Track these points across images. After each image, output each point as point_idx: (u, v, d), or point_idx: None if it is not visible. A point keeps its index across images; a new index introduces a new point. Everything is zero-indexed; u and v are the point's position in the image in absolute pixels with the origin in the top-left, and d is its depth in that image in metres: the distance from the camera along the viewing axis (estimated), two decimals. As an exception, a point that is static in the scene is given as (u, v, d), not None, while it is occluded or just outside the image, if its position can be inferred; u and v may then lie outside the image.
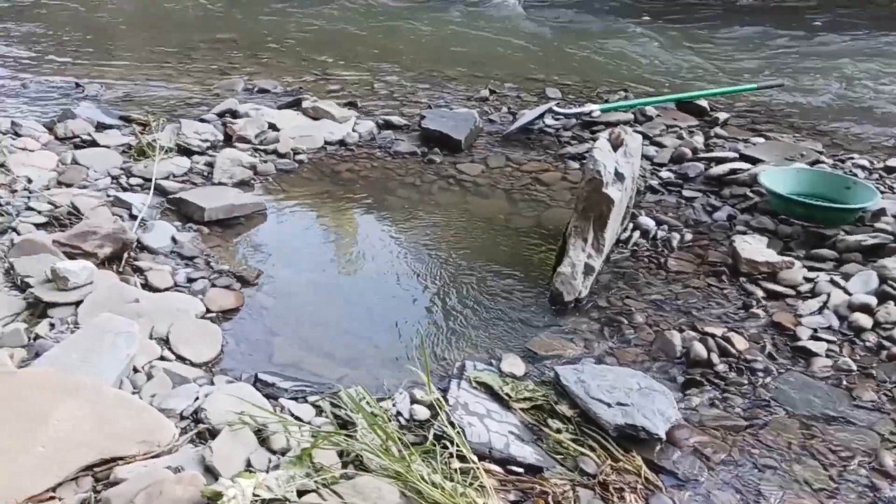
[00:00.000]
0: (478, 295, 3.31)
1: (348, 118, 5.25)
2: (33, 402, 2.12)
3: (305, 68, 6.86)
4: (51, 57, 7.15)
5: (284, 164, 4.59)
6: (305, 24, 8.79)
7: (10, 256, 3.25)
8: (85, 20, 8.93)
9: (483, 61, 7.29)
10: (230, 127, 4.85)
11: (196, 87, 6.18)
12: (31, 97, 5.92)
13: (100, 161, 4.43)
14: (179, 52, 7.35)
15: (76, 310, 2.84)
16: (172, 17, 9.26)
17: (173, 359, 2.66)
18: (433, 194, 4.35)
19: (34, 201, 3.86)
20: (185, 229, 3.72)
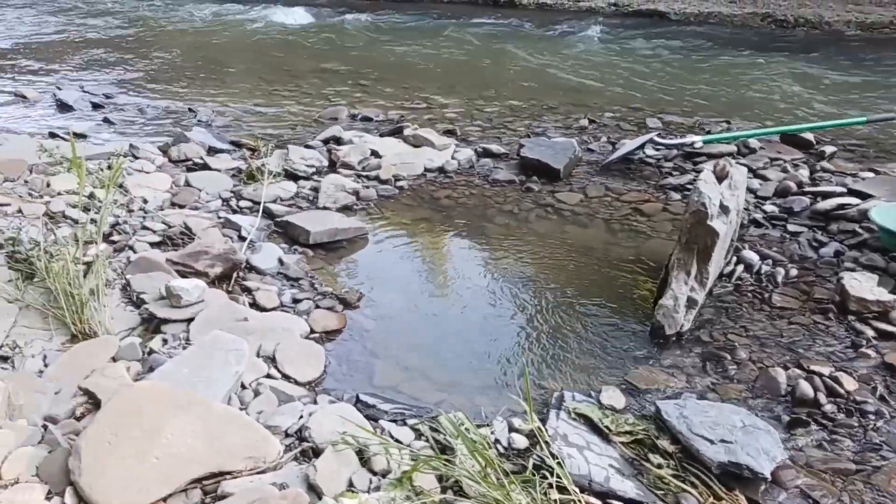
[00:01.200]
0: (576, 325, 3.25)
1: (448, 146, 5.32)
2: (148, 415, 2.21)
3: (407, 97, 7.02)
4: (166, 83, 7.62)
5: (385, 190, 4.68)
6: (407, 55, 9.02)
7: (126, 273, 3.44)
8: (198, 50, 9.48)
9: (582, 90, 7.26)
10: (334, 153, 5.00)
11: (302, 114, 6.42)
12: (147, 121, 6.32)
13: (211, 184, 4.64)
14: (287, 80, 7.68)
15: (188, 326, 2.96)
16: (280, 48, 9.70)
17: (279, 377, 2.73)
18: (531, 222, 4.33)
19: (149, 221, 4.08)
20: (291, 251, 3.84)
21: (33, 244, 3.51)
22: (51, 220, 3.92)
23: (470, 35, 10.23)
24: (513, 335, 3.21)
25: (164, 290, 3.07)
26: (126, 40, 9.86)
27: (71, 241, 3.73)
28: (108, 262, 3.36)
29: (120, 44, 9.64)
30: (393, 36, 10.05)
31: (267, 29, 11.06)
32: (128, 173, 4.65)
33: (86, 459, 2.05)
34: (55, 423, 2.34)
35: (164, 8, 12.91)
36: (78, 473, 2.03)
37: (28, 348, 2.78)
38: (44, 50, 9.30)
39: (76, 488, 2.02)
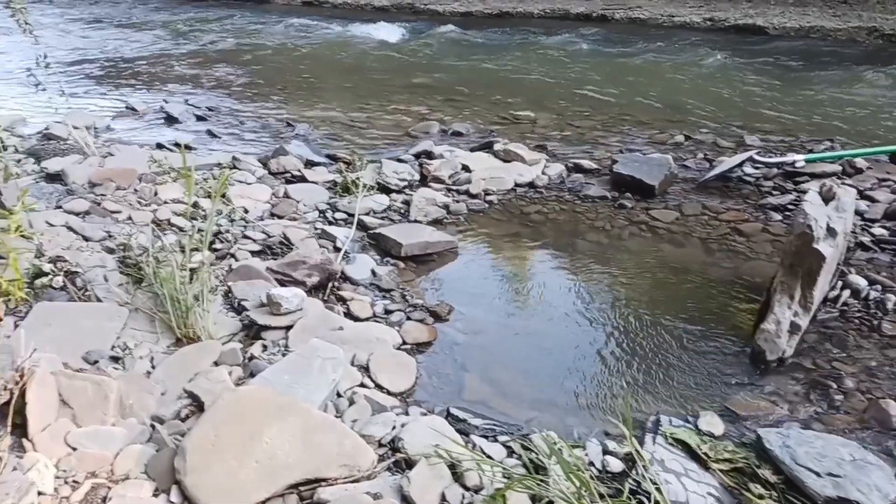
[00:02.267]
0: (671, 346, 3.17)
1: (538, 161, 5.30)
2: (250, 419, 2.28)
3: (497, 112, 7.04)
4: (265, 98, 7.91)
5: (475, 205, 4.70)
6: (497, 70, 9.06)
7: (228, 280, 3.57)
8: (295, 66, 9.81)
9: (676, 106, 7.09)
10: (426, 167, 5.07)
11: (395, 128, 6.54)
12: (248, 134, 6.57)
13: (308, 195, 4.78)
14: (380, 95, 7.84)
15: (287, 333, 3.05)
16: (373, 64, 9.92)
17: (372, 386, 2.77)
18: (624, 240, 4.25)
19: (250, 230, 4.23)
20: (384, 263, 3.90)
21: (142, 250, 3.71)
22: (158, 227, 4.12)
23: (560, 50, 10.19)
24: (604, 355, 3.15)
25: (265, 298, 3.17)
26: (228, 56, 10.31)
27: (176, 247, 3.92)
28: (211, 269, 3.50)
29: (222, 59, 10.09)
30: (483, 51, 10.11)
31: (360, 45, 11.35)
32: (230, 184, 4.84)
33: (190, 460, 2.13)
34: (162, 423, 2.45)
35: (263, 25, 13.42)
36: (183, 473, 2.11)
37: (137, 350, 2.92)
38: (152, 65, 9.83)
39: (181, 487, 2.10)
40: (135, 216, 4.33)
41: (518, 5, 13.18)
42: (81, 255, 3.69)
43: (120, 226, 4.19)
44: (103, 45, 11.41)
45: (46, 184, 4.92)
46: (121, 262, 3.66)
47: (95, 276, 3.49)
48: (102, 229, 4.09)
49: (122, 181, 4.83)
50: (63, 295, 3.30)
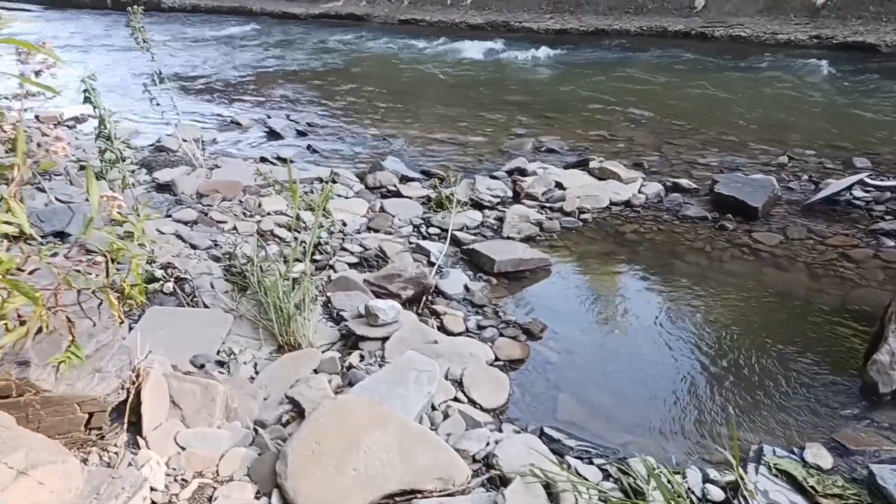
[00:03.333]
0: (774, 374, 3.03)
1: (634, 179, 5.21)
2: (349, 427, 2.33)
3: (592, 129, 6.98)
4: (362, 114, 8.11)
5: (569, 223, 4.66)
6: (592, 87, 8.98)
7: (327, 291, 3.67)
8: (391, 83, 10.02)
9: (780, 126, 6.83)
10: (519, 184, 5.07)
11: (487, 145, 6.58)
12: (345, 149, 6.74)
13: (403, 210, 4.86)
14: (473, 112, 7.91)
15: (383, 345, 3.10)
16: (467, 81, 10.02)
17: (465, 401, 2.78)
18: (724, 262, 4.12)
19: (348, 243, 4.34)
20: (476, 279, 3.92)
21: (247, 259, 3.86)
22: (261, 237, 4.28)
23: (657, 67, 10.01)
24: (702, 380, 3.05)
25: (363, 309, 3.23)
26: (327, 74, 10.64)
27: (279, 257, 4.06)
28: (312, 279, 3.60)
29: (322, 77, 10.42)
30: (578, 69, 10.06)
31: (455, 63, 11.48)
32: (330, 198, 4.98)
33: (292, 465, 2.19)
34: (264, 427, 2.52)
35: (361, 44, 13.79)
36: (284, 477, 2.17)
37: (241, 355, 3.03)
38: (255, 82, 10.25)
39: (282, 491, 2.16)
40: (239, 227, 4.51)
41: (614, 23, 13.03)
42: (190, 263, 3.87)
43: (225, 235, 4.37)
44: (211, 62, 11.99)
45: (157, 193, 5.20)
46: (226, 271, 3.82)
47: (203, 282, 3.65)
48: (209, 238, 4.28)
49: (227, 193, 5.04)
50: (173, 300, 3.47)
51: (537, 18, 14.09)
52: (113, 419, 2.28)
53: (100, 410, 2.20)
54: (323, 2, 17.51)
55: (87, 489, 1.93)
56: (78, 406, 2.15)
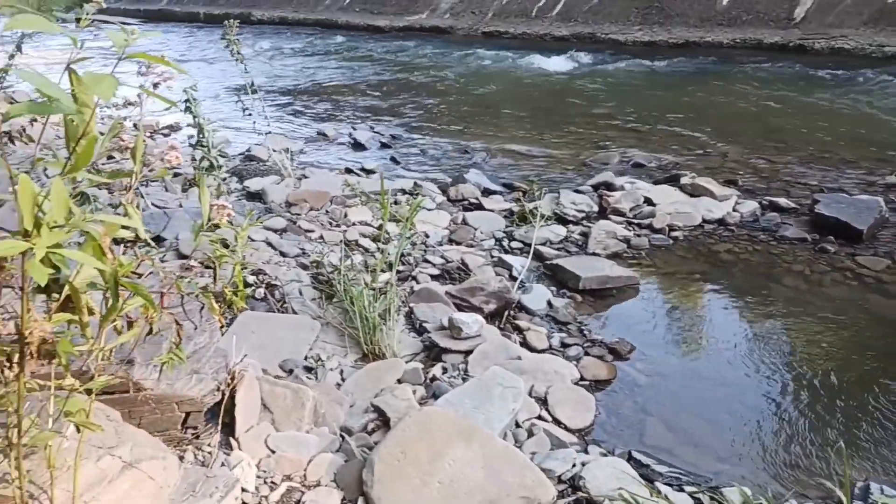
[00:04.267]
0: (879, 407, 2.86)
1: (729, 197, 5.04)
2: (434, 440, 2.32)
3: (682, 143, 6.80)
4: (444, 126, 8.17)
5: (658, 240, 4.55)
6: (681, 100, 8.78)
7: (410, 302, 3.69)
8: (473, 96, 10.06)
9: (887, 144, 6.48)
10: (605, 199, 4.98)
11: (572, 158, 6.50)
12: (428, 162, 6.80)
13: (485, 223, 4.85)
14: (556, 124, 7.84)
15: (466, 358, 3.08)
16: (550, 93, 9.96)
17: (550, 420, 2.73)
18: (825, 287, 3.92)
19: (430, 254, 4.36)
20: (560, 295, 3.87)
21: (333, 268, 3.92)
22: (347, 247, 4.35)
23: (751, 80, 9.69)
24: (800, 410, 2.90)
25: (446, 322, 3.23)
26: (411, 86, 10.77)
27: (363, 267, 4.12)
28: (396, 289, 3.63)
29: (405, 89, 10.56)
30: (667, 82, 9.86)
31: (539, 75, 11.44)
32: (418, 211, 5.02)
33: (378, 473, 2.20)
34: (350, 434, 2.55)
35: (444, 56, 13.92)
36: (370, 485, 2.18)
37: (328, 362, 3.08)
38: (342, 94, 10.48)
39: (367, 499, 2.17)
40: (326, 236, 4.60)
41: (706, 35, 12.69)
42: (279, 270, 3.96)
43: (313, 244, 4.47)
44: (298, 73, 12.34)
45: (247, 201, 5.36)
46: (314, 278, 3.90)
47: (292, 289, 3.74)
48: (297, 246, 4.38)
49: (315, 202, 5.16)
50: (263, 305, 3.56)
51: (625, 30, 13.89)
52: (208, 419, 2.34)
53: (196, 410, 2.27)
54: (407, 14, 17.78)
55: (184, 486, 1.99)
56: (176, 405, 2.22)
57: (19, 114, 1.28)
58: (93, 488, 1.73)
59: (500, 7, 16.06)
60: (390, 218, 4.79)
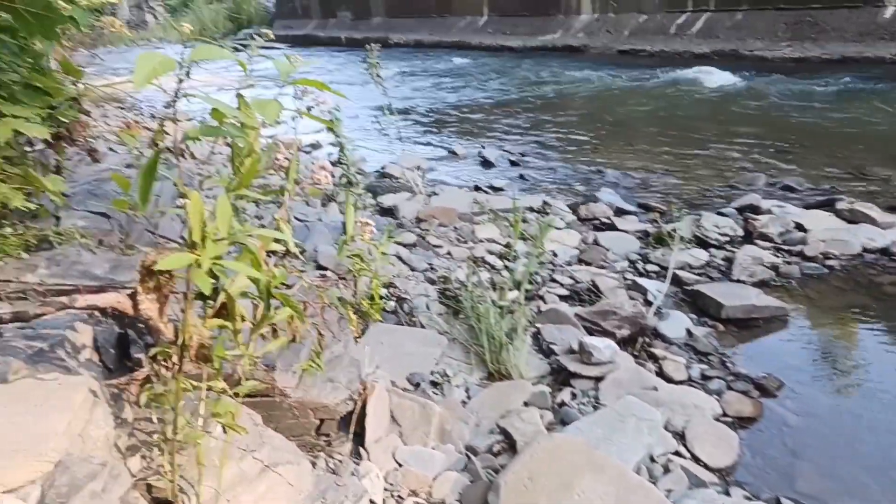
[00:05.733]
0: None
1: (893, 224, 4.62)
2: (563, 468, 2.24)
3: (838, 166, 6.31)
4: (576, 144, 8.04)
5: (811, 269, 4.22)
6: (838, 121, 8.20)
7: (537, 322, 3.62)
8: (605, 113, 9.87)
9: None
10: (751, 223, 4.70)
11: (714, 179, 6.21)
12: (558, 180, 6.71)
13: (618, 244, 4.70)
14: (696, 143, 7.53)
15: (597, 385, 2.97)
16: (689, 111, 9.61)
17: (688, 457, 2.57)
18: None
19: (558, 274, 4.27)
20: (700, 323, 3.67)
21: (460, 284, 3.92)
22: (474, 263, 4.34)
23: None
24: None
25: (576, 345, 3.14)
26: (542, 105, 10.72)
27: (489, 284, 4.09)
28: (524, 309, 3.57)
29: (536, 108, 10.52)
30: (821, 100, 9.23)
31: (677, 93, 11.07)
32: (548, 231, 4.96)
33: (504, 498, 2.15)
34: (475, 454, 2.51)
35: (577, 74, 13.78)
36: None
37: (454, 378, 3.06)
38: (472, 113, 10.59)
39: (493, 523, 2.12)
40: (454, 252, 4.63)
41: (865, 50, 11.78)
42: (409, 283, 4.01)
43: (441, 259, 4.50)
44: (432, 94, 12.59)
45: (380, 217, 5.49)
46: (441, 293, 3.91)
47: (420, 303, 3.77)
48: (426, 261, 4.42)
49: (444, 219, 5.21)
50: (393, 318, 3.61)
51: (772, 46, 13.16)
52: (339, 427, 2.38)
53: (330, 418, 2.31)
54: (540, 34, 17.76)
55: (316, 492, 2.02)
56: (312, 412, 2.27)
57: (195, 137, 1.35)
58: (234, 487, 1.80)
59: (637, 25, 15.72)
60: (519, 236, 4.75)
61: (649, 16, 15.64)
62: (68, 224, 3.38)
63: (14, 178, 2.78)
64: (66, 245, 3.12)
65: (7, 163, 2.84)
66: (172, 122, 1.51)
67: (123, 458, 1.77)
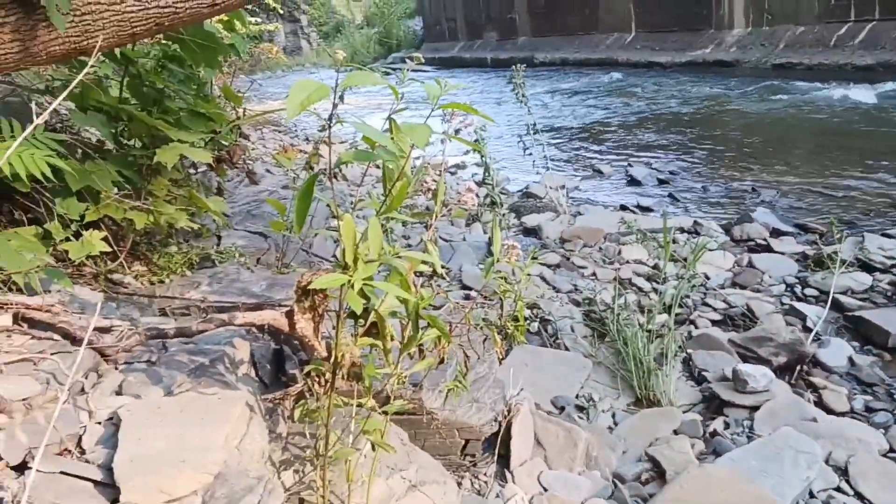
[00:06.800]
0: None
1: None
2: (716, 500, 2.16)
3: None
4: (728, 162, 7.70)
5: None
6: None
7: (687, 347, 3.50)
8: (760, 129, 9.37)
9: None
10: (925, 245, 4.32)
11: (878, 198, 5.75)
12: (709, 199, 6.44)
13: (774, 267, 4.46)
14: (860, 162, 6.99)
15: (751, 414, 2.84)
16: (853, 127, 8.94)
17: (851, 494, 2.40)
18: None
19: (710, 298, 4.11)
20: (864, 351, 3.41)
21: (605, 306, 3.88)
22: (620, 285, 4.27)
23: None
24: None
25: (730, 373, 3.02)
26: (691, 121, 10.36)
27: (636, 307, 4.01)
28: (674, 333, 3.48)
29: (685, 124, 10.18)
30: None
31: (837, 108, 10.33)
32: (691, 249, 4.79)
33: (650, 527, 2.11)
34: (623, 481, 2.48)
35: (728, 90, 13.20)
36: (642, 538, 2.09)
37: (601, 403, 3.04)
38: (616, 130, 10.40)
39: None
40: (599, 273, 4.58)
41: None
42: (552, 305, 4.02)
43: (585, 280, 4.47)
44: (576, 112, 12.50)
45: (523, 237, 5.53)
46: (586, 315, 3.89)
47: (564, 325, 3.77)
48: (570, 282, 4.41)
49: (589, 239, 5.17)
50: (536, 339, 3.63)
51: (951, 52, 11.98)
52: (484, 448, 2.44)
53: (475, 439, 2.37)
54: (690, 50, 17.16)
55: (461, 512, 2.08)
56: (457, 431, 2.34)
57: (349, 161, 1.46)
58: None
59: (794, 38, 14.81)
60: (669, 258, 4.61)
61: (806, 27, 14.69)
62: (228, 243, 3.70)
63: (179, 199, 3.08)
64: (226, 263, 3.41)
65: (173, 185, 3.15)
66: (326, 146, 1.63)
67: (277, 471, 1.87)
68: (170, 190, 2.94)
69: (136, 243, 3.01)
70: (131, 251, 2.98)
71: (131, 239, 2.92)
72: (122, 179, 2.75)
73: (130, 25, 2.21)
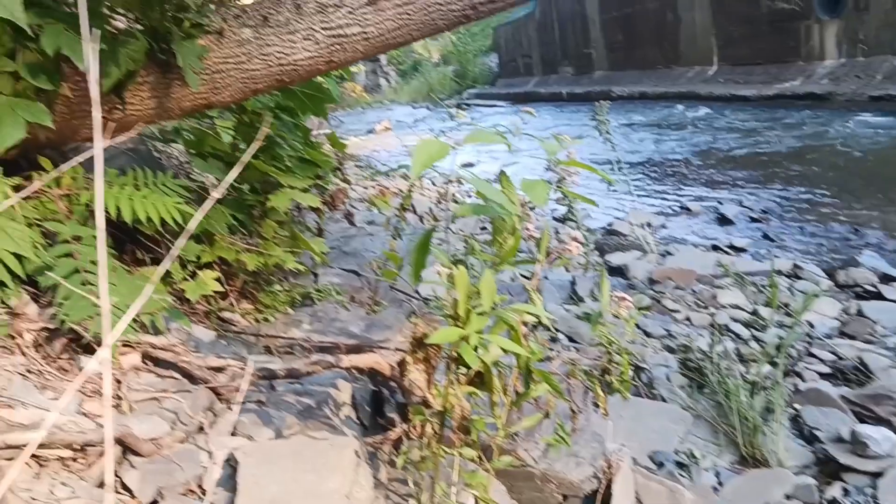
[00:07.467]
0: None
1: None
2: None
3: None
4: (828, 201, 7.33)
5: None
6: None
7: (794, 402, 3.28)
8: (864, 165, 8.93)
9: None
10: None
11: None
12: (807, 240, 6.14)
13: (888, 316, 4.17)
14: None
15: (874, 481, 2.62)
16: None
17: None
18: None
19: (816, 348, 3.86)
20: None
21: (703, 354, 3.69)
22: (717, 331, 4.07)
23: None
24: None
25: (847, 434, 2.80)
26: (785, 157, 9.98)
27: (735, 356, 3.80)
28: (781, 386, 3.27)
29: (778, 160, 9.81)
30: None
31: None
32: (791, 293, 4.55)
33: None
34: (732, 549, 2.30)
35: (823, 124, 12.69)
36: None
37: (702, 461, 2.86)
38: (704, 166, 10.12)
39: None
40: (693, 317, 4.39)
41: None
42: (645, 351, 3.85)
43: (678, 325, 4.28)
44: (659, 147, 12.26)
45: (608, 277, 5.36)
46: (682, 364, 3.71)
47: (660, 373, 3.60)
48: (662, 327, 4.23)
49: (680, 281, 4.97)
50: (631, 389, 3.47)
51: None
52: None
53: (573, 495, 2.25)
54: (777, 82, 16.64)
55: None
56: (555, 486, 2.23)
57: (465, 214, 1.42)
58: (483, 561, 1.79)
59: (892, 68, 14.16)
60: (764, 302, 4.38)
61: (906, 58, 14.04)
62: (325, 281, 3.73)
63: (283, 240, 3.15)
64: (324, 301, 3.43)
65: (278, 226, 3.22)
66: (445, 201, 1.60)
67: (383, 520, 1.85)
68: (276, 231, 3.02)
69: (244, 282, 3.08)
70: (239, 290, 3.04)
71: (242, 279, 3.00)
72: (234, 222, 2.84)
73: (254, 82, 2.36)
